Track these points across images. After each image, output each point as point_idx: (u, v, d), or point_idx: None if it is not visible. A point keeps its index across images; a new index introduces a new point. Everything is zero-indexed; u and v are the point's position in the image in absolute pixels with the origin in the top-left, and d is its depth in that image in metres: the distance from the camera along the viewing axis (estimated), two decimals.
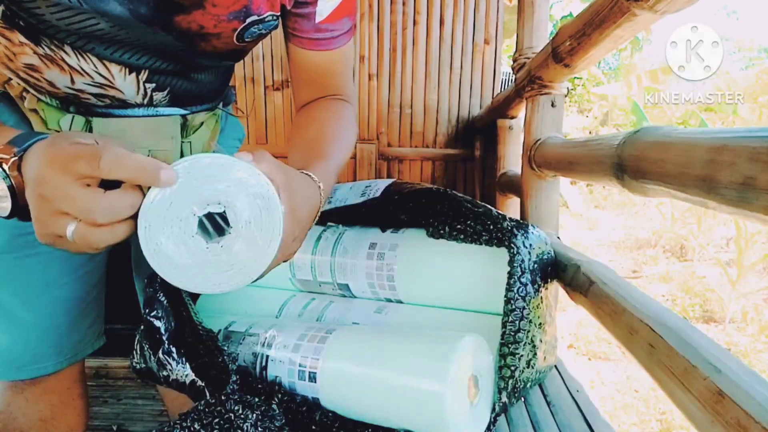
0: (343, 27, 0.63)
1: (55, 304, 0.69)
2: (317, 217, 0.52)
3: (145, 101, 0.64)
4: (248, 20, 0.57)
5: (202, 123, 0.72)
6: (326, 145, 0.60)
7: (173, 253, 0.38)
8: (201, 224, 0.38)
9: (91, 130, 0.63)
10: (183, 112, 0.69)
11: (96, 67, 0.58)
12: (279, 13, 0.59)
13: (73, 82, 0.59)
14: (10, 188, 0.40)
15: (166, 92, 0.64)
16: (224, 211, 0.39)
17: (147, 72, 0.60)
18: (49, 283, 0.68)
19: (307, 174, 0.51)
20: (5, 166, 0.39)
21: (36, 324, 0.68)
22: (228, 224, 0.39)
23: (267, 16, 0.58)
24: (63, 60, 0.56)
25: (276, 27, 0.62)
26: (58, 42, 0.55)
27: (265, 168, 0.41)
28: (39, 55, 0.56)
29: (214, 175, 0.38)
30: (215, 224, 0.39)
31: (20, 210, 0.41)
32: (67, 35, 0.54)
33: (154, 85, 0.62)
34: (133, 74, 0.60)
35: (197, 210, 0.38)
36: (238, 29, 0.58)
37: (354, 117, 0.70)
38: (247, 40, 0.60)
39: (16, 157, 0.39)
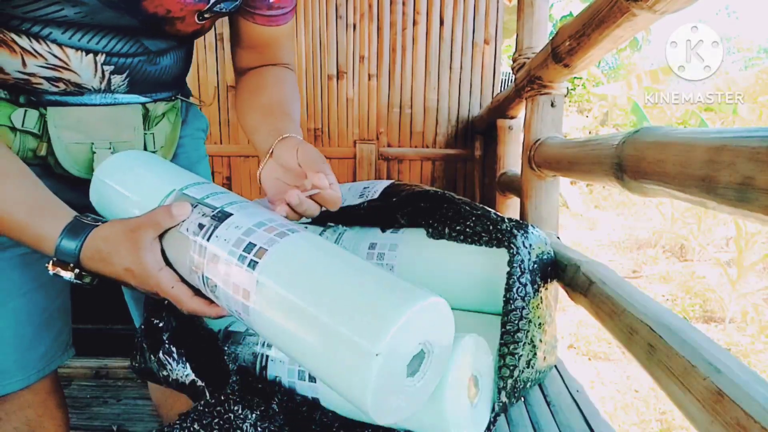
0: (291, 5, 0.69)
1: (17, 315, 0.65)
2: None
3: (103, 86, 0.61)
4: (212, 1, 0.59)
5: (164, 114, 0.70)
6: (286, 105, 0.66)
7: (399, 402, 0.40)
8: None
9: (45, 125, 0.60)
10: (143, 100, 0.67)
11: (50, 49, 0.56)
12: None
13: (24, 65, 0.56)
14: (85, 284, 0.52)
15: (124, 75, 0.62)
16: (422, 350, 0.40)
17: (104, 55, 0.59)
18: (9, 292, 0.64)
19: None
20: (72, 278, 0.51)
21: None
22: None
23: None
24: (13, 41, 0.54)
25: (238, 7, 0.64)
26: (6, 28, 0.53)
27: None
28: None
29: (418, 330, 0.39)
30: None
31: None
32: (21, 22, 0.52)
33: (112, 67, 0.60)
34: (90, 55, 0.58)
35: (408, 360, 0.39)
36: (202, 11, 0.60)
37: (296, 81, 0.75)
38: (206, 17, 0.62)
39: (76, 269, 0.51)
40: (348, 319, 0.37)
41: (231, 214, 0.46)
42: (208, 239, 0.44)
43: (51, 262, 0.51)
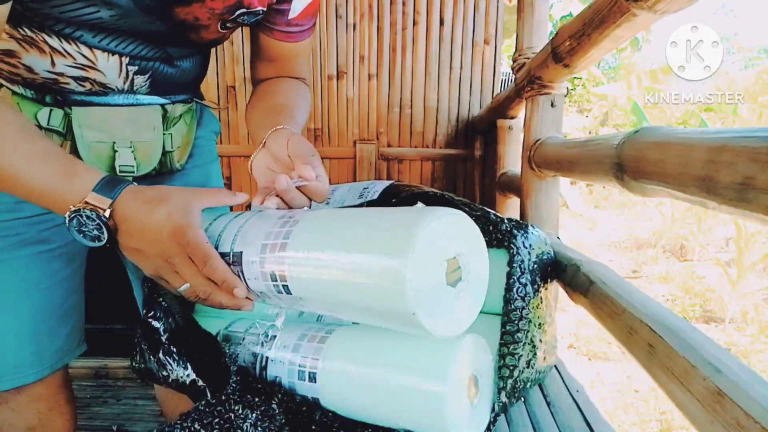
0: (309, 23, 0.72)
1: (35, 310, 0.67)
2: None
3: (126, 86, 0.64)
4: (237, 12, 0.62)
5: (181, 116, 0.73)
6: (292, 109, 0.68)
7: (444, 313, 0.41)
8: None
9: (70, 124, 0.62)
10: (162, 101, 0.69)
11: (79, 49, 0.58)
12: (266, 9, 0.65)
13: (53, 64, 0.58)
14: (107, 228, 0.48)
15: (147, 76, 0.65)
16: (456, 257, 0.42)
17: (129, 57, 0.62)
18: (27, 288, 0.66)
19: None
20: (103, 214, 0.47)
21: (15, 331, 0.65)
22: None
23: (257, 10, 0.64)
24: (44, 41, 0.56)
25: (259, 20, 0.67)
26: (39, 28, 0.54)
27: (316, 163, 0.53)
28: (17, 38, 0.55)
29: (446, 235, 0.41)
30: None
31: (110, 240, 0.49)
32: (55, 22, 0.54)
33: (136, 68, 0.63)
34: (116, 56, 0.60)
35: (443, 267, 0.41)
36: (227, 21, 0.63)
37: (309, 94, 0.79)
38: (229, 26, 0.65)
39: (110, 208, 0.47)
40: (376, 241, 0.40)
41: (241, 252, 0.50)
42: (246, 282, 0.50)
43: (72, 207, 0.47)
